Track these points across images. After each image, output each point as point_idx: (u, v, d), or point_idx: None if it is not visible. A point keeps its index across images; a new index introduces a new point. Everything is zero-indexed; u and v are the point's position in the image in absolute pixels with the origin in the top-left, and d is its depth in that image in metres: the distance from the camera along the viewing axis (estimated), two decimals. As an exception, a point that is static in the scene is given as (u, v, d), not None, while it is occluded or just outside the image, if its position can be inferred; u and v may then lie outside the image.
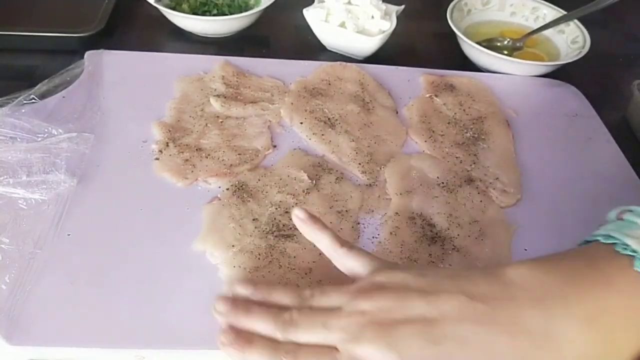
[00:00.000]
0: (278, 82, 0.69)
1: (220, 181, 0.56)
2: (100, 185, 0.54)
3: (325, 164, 0.60)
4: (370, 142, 0.63)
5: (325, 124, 0.64)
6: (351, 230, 0.54)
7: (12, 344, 0.42)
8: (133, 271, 0.48)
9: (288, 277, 0.48)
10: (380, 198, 0.57)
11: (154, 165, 0.57)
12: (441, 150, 0.63)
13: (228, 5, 0.79)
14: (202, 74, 0.68)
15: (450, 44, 0.81)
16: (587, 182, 0.62)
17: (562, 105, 0.72)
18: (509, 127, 0.67)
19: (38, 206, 0.51)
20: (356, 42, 0.75)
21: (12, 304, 0.44)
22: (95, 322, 0.44)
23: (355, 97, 0.68)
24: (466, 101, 0.70)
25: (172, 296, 0.46)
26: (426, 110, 0.68)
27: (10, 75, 0.68)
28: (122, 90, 0.65)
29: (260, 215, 0.53)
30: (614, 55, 0.87)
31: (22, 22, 0.75)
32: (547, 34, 0.82)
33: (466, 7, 0.83)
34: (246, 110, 0.64)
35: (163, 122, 0.61)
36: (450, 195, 0.58)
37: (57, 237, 0.49)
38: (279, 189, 0.56)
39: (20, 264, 0.46)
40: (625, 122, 0.74)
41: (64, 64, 0.67)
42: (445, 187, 0.58)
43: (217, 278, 0.48)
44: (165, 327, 0.44)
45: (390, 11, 0.78)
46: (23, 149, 0.54)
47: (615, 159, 0.66)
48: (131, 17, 0.80)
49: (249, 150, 0.60)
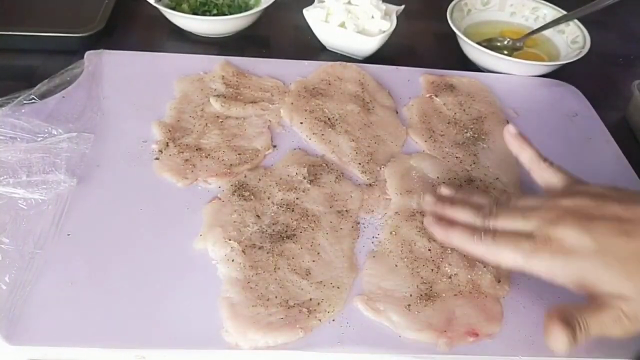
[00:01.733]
0: (278, 82, 0.69)
1: (220, 181, 0.56)
2: (100, 185, 0.54)
3: (325, 163, 0.60)
4: (370, 142, 0.63)
5: (325, 124, 0.64)
6: (351, 230, 0.54)
7: (12, 344, 0.42)
8: (133, 271, 0.48)
9: (287, 277, 0.48)
10: (380, 198, 0.57)
11: (154, 165, 0.57)
12: (441, 150, 0.63)
13: (228, 5, 0.79)
14: (202, 74, 0.68)
15: (450, 44, 0.81)
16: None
17: (562, 105, 0.73)
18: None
19: (38, 206, 0.51)
20: (356, 42, 0.75)
21: (12, 304, 0.44)
22: (95, 322, 0.44)
23: (355, 97, 0.68)
24: (466, 101, 0.70)
25: (172, 296, 0.46)
26: (426, 110, 0.68)
27: (10, 75, 0.68)
28: (122, 90, 0.65)
29: (261, 214, 0.53)
30: (614, 55, 0.87)
31: (22, 22, 0.75)
32: (547, 34, 0.82)
33: (466, 7, 0.83)
34: (246, 110, 0.64)
35: (163, 122, 0.61)
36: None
37: (57, 237, 0.49)
38: (279, 189, 0.56)
39: (20, 264, 0.46)
40: (625, 122, 0.74)
41: (64, 64, 0.67)
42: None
43: (216, 278, 0.48)
44: (165, 327, 0.44)
45: (390, 11, 0.78)
46: (23, 149, 0.54)
47: (615, 159, 0.66)
48: (131, 17, 0.80)
49: (249, 150, 0.60)
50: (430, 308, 0.48)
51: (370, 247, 0.53)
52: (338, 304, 0.47)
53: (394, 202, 0.57)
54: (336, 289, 0.49)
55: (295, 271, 0.49)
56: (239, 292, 0.47)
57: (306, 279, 0.49)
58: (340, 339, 0.45)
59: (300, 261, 0.50)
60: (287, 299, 0.47)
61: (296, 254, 0.50)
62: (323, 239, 0.52)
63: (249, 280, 0.48)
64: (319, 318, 0.46)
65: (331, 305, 0.47)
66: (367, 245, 0.53)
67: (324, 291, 0.48)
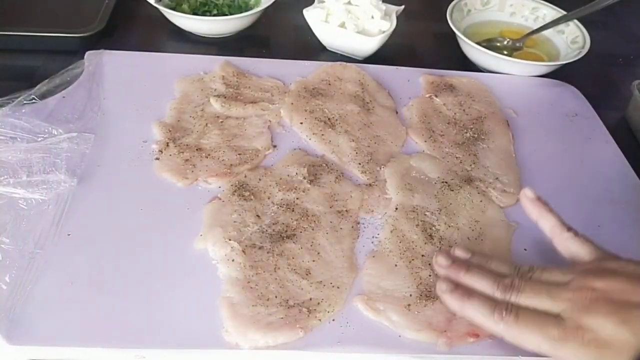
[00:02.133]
0: (278, 82, 0.69)
1: (220, 181, 0.56)
2: (100, 185, 0.54)
3: (325, 163, 0.60)
4: (370, 142, 0.63)
5: (325, 124, 0.64)
6: (351, 230, 0.54)
7: (12, 344, 0.42)
8: (133, 271, 0.48)
9: (287, 277, 0.48)
10: (380, 198, 0.57)
11: (154, 165, 0.57)
12: (441, 150, 0.63)
13: (228, 5, 0.79)
14: (202, 74, 0.68)
15: (450, 44, 0.81)
16: (587, 182, 0.62)
17: (561, 105, 0.73)
18: (508, 127, 0.67)
19: (38, 206, 0.51)
20: (356, 42, 0.75)
21: (12, 304, 0.44)
22: (95, 322, 0.44)
23: (355, 97, 0.68)
24: (466, 101, 0.70)
25: (172, 296, 0.46)
26: (426, 110, 0.68)
27: (11, 75, 0.68)
28: (122, 90, 0.65)
29: (261, 214, 0.53)
30: (613, 55, 0.87)
31: (22, 22, 0.75)
32: (547, 34, 0.82)
33: (466, 8, 0.83)
34: (246, 110, 0.64)
35: (163, 122, 0.61)
36: (450, 195, 0.58)
37: (57, 237, 0.49)
38: (279, 189, 0.56)
39: (20, 263, 0.46)
40: (625, 122, 0.74)
41: (64, 64, 0.67)
42: (445, 187, 0.59)
43: (216, 278, 0.48)
44: (165, 327, 0.44)
45: (390, 11, 0.78)
46: (23, 149, 0.54)
47: (615, 159, 0.66)
48: (131, 17, 0.80)
49: (249, 150, 0.60)
50: (430, 308, 0.48)
51: (370, 247, 0.53)
52: (338, 303, 0.48)
53: (394, 202, 0.57)
54: (336, 288, 0.49)
55: (295, 271, 0.49)
56: (239, 292, 0.47)
57: (306, 278, 0.49)
58: (340, 339, 0.45)
59: (300, 261, 0.50)
60: (287, 299, 0.47)
61: (296, 254, 0.50)
62: (323, 238, 0.52)
63: (249, 280, 0.48)
64: (319, 318, 0.46)
65: (331, 305, 0.47)
66: (367, 245, 0.53)
67: (324, 291, 0.48)
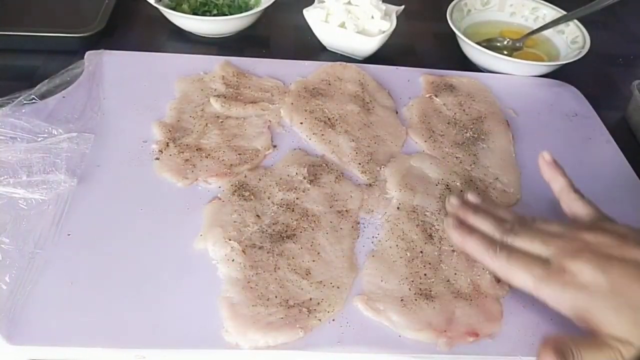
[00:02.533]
0: (278, 82, 0.69)
1: (220, 181, 0.56)
2: (100, 185, 0.54)
3: (325, 163, 0.60)
4: (370, 142, 0.63)
5: (325, 124, 0.64)
6: (351, 230, 0.54)
7: (12, 344, 0.42)
8: (133, 271, 0.48)
9: (287, 277, 0.48)
10: (380, 198, 0.57)
11: (154, 165, 0.57)
12: (441, 150, 0.63)
13: (228, 5, 0.79)
14: (202, 74, 0.68)
15: (450, 44, 0.81)
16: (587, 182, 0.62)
17: (561, 106, 0.73)
18: (508, 127, 0.67)
19: (38, 206, 0.51)
20: (356, 42, 0.75)
21: (12, 304, 0.44)
22: (95, 322, 0.44)
23: (355, 97, 0.68)
24: (466, 101, 0.70)
25: (172, 296, 0.46)
26: (426, 110, 0.68)
27: (11, 75, 0.68)
28: (122, 90, 0.65)
29: (261, 214, 0.53)
30: (613, 55, 0.87)
31: (22, 22, 0.75)
32: (546, 34, 0.82)
33: (466, 8, 0.83)
34: (246, 110, 0.64)
35: (163, 122, 0.61)
36: (450, 195, 0.58)
37: (57, 237, 0.49)
38: (279, 189, 0.56)
39: (20, 264, 0.47)
40: (625, 122, 0.74)
41: (64, 64, 0.67)
42: (445, 187, 0.58)
43: (216, 278, 0.48)
44: (165, 327, 0.44)
45: (390, 11, 0.78)
46: (23, 149, 0.54)
47: (615, 159, 0.66)
48: (131, 17, 0.80)
49: (249, 150, 0.60)
50: (430, 308, 0.48)
51: (370, 247, 0.53)
52: (338, 303, 0.48)
53: (394, 201, 0.57)
54: (336, 288, 0.49)
55: (295, 271, 0.49)
56: (239, 292, 0.47)
57: (306, 278, 0.49)
58: (340, 339, 0.45)
59: (300, 261, 0.50)
60: (287, 299, 0.47)
61: (296, 254, 0.50)
62: (323, 238, 0.52)
63: (249, 280, 0.48)
64: (319, 318, 0.46)
65: (331, 305, 0.47)
66: (367, 245, 0.53)
67: (324, 291, 0.48)
